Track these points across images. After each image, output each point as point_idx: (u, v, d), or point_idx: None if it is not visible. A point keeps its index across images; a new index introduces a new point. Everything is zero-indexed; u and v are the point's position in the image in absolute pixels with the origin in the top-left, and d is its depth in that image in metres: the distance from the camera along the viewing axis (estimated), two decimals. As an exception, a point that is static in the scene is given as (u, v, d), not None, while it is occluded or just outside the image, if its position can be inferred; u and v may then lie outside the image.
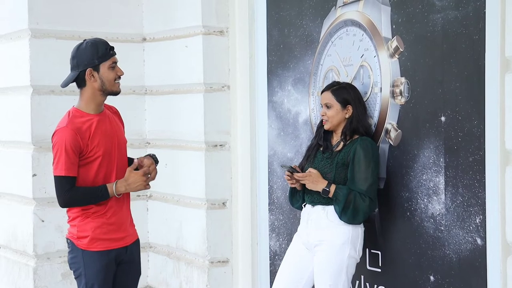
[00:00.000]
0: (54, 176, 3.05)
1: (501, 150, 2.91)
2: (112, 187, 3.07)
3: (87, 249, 3.08)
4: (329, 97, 3.31)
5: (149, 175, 3.14)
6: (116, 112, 3.32)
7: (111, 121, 3.21)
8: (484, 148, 2.98)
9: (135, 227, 3.27)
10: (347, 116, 3.30)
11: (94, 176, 3.08)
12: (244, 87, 4.33)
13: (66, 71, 4.47)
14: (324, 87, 3.40)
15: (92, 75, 3.08)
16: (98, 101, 3.14)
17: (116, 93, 3.16)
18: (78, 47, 3.12)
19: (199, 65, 4.35)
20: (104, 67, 3.09)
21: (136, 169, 3.13)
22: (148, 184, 3.14)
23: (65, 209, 3.17)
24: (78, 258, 3.11)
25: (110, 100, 4.62)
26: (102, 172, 3.10)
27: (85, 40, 3.16)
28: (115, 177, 3.12)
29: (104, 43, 3.13)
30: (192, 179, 4.43)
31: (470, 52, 3.02)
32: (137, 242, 3.25)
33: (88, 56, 3.08)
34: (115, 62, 3.13)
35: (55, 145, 3.06)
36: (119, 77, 3.15)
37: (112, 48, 3.15)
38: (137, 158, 3.20)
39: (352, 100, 3.30)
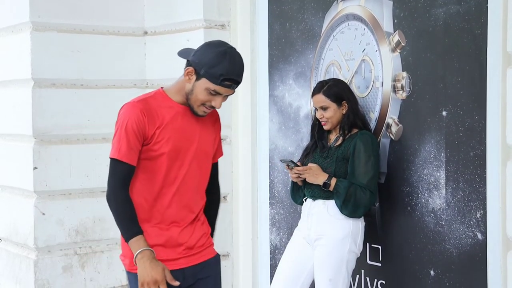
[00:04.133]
0: (110, 158, 2.52)
1: (502, 145, 2.91)
2: (139, 245, 2.48)
3: (131, 271, 2.56)
4: (323, 99, 3.30)
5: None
6: (215, 120, 2.73)
7: (200, 123, 2.62)
8: (485, 143, 2.98)
9: (212, 241, 2.72)
10: (344, 112, 3.30)
11: (162, 177, 2.52)
12: (245, 81, 4.29)
13: (67, 64, 4.51)
14: (313, 90, 3.37)
15: (190, 74, 2.53)
16: (185, 100, 2.59)
17: (195, 113, 2.58)
18: (210, 44, 2.56)
19: (200, 59, 4.33)
20: (204, 83, 2.50)
21: None
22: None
23: (66, 201, 2.88)
24: (128, 278, 2.60)
25: (108, 93, 4.65)
26: (170, 175, 2.54)
27: (228, 46, 2.55)
28: (175, 190, 2.56)
29: (231, 69, 2.49)
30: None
31: (472, 47, 3.02)
32: (207, 263, 2.66)
33: (204, 58, 2.49)
34: (220, 94, 2.52)
35: (117, 121, 2.55)
36: (211, 107, 2.56)
37: (232, 81, 2.51)
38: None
39: (345, 95, 3.29)
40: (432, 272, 3.23)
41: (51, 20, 4.45)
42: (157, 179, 2.55)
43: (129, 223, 2.50)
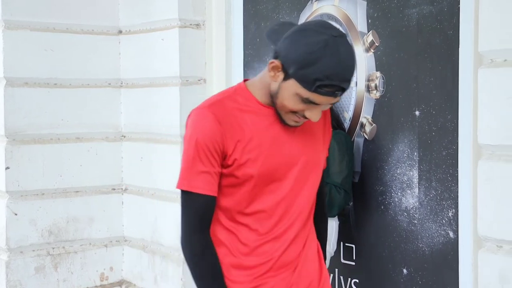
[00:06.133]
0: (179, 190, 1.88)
1: (474, 145, 2.93)
2: None
3: None
4: None
5: None
6: (325, 115, 2.02)
7: (304, 129, 1.92)
8: (457, 142, 3.01)
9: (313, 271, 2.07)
10: None
11: (244, 208, 1.85)
12: (220, 81, 4.32)
13: (40, 63, 4.46)
14: None
15: (275, 70, 1.85)
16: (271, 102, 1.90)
17: (283, 122, 1.89)
18: (306, 28, 1.77)
19: (175, 58, 4.33)
20: (293, 86, 1.78)
21: None
22: None
23: (39, 201, 2.73)
24: None
25: (82, 93, 4.62)
26: (255, 205, 1.85)
27: (333, 33, 1.76)
28: (272, 225, 1.87)
29: (332, 70, 1.73)
30: (168, 172, 4.41)
31: (444, 47, 3.05)
32: None
33: (294, 52, 1.77)
34: (314, 103, 1.79)
35: (185, 136, 1.87)
36: (304, 117, 1.85)
37: (335, 87, 1.77)
38: None
39: None
40: (405, 271, 3.25)
41: (24, 18, 4.40)
42: (237, 210, 1.88)
43: (211, 283, 1.85)
